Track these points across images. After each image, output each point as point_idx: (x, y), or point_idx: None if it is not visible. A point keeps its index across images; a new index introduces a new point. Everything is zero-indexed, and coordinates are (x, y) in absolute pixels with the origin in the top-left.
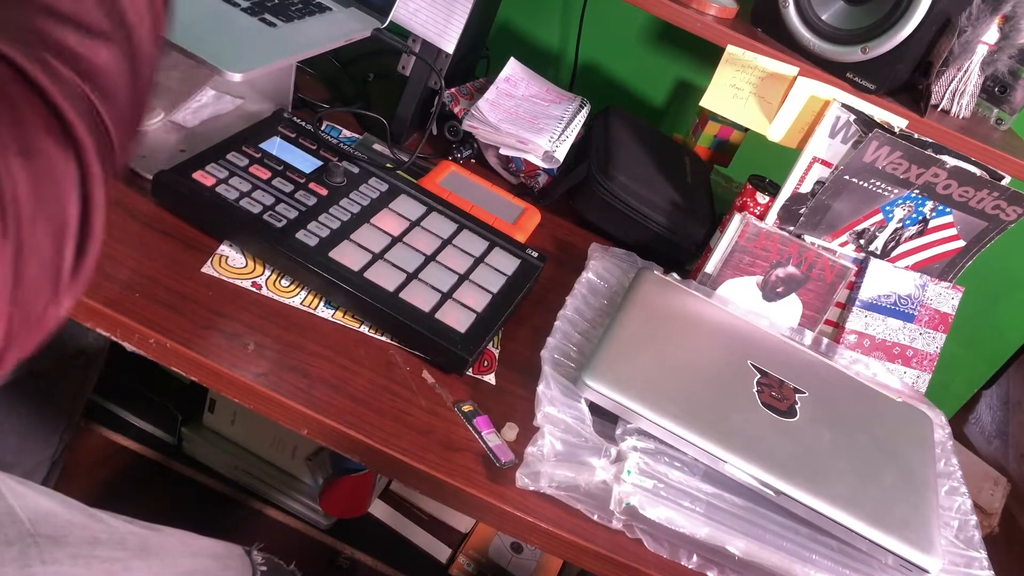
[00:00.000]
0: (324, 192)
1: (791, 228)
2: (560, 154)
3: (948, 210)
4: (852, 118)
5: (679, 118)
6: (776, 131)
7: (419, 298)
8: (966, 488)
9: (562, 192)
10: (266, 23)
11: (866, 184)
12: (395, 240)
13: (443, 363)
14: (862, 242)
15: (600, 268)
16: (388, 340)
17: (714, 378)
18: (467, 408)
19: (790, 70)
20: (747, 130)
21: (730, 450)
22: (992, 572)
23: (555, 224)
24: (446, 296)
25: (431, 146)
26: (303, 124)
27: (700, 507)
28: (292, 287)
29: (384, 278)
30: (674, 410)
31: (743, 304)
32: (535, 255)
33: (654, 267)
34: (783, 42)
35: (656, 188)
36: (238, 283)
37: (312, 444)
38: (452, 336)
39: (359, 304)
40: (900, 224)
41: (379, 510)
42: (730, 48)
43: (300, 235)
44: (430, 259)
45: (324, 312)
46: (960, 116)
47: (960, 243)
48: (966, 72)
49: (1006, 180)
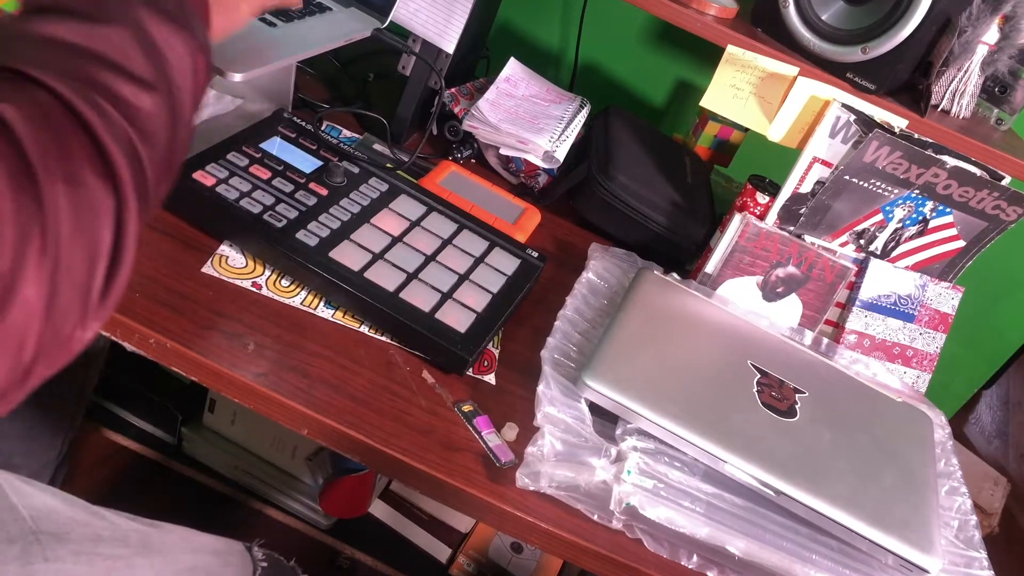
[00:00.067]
0: (324, 192)
1: (791, 228)
2: (560, 154)
3: (948, 210)
4: (852, 118)
5: (679, 118)
6: (776, 131)
7: (419, 298)
8: (966, 488)
9: (562, 192)
10: (266, 23)
11: (866, 184)
12: (395, 240)
13: (443, 363)
14: (862, 242)
15: (600, 268)
16: (388, 340)
17: (714, 378)
18: (467, 408)
19: (790, 70)
20: (747, 130)
21: (730, 450)
22: (992, 572)
23: (555, 224)
24: (446, 296)
25: (431, 146)
26: (303, 124)
27: (700, 507)
28: (292, 287)
29: (384, 278)
30: (674, 410)
31: (743, 304)
32: (535, 255)
33: (654, 267)
34: (783, 42)
35: (656, 188)
36: (238, 283)
37: (312, 444)
38: (452, 336)
39: (359, 304)
40: (900, 224)
41: (379, 510)
42: (730, 48)
43: (300, 235)
44: (430, 259)
45: (324, 312)
46: (960, 116)
47: (960, 243)
48: (966, 72)
49: (1006, 180)
